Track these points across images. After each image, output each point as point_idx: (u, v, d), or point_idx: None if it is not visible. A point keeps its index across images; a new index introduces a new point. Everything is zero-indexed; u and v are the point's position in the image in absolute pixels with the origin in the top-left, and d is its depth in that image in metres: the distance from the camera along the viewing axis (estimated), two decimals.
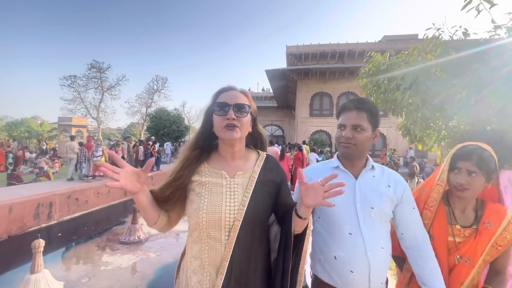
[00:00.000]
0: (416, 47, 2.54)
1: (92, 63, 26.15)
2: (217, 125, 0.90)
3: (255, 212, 0.88)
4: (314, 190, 0.80)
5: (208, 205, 0.87)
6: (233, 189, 0.90)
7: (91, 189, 7.89)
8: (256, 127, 1.03)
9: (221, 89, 0.95)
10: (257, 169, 0.96)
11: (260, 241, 0.92)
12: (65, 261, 4.85)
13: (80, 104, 26.61)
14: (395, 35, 21.82)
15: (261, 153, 1.03)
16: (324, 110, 20.77)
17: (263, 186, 0.94)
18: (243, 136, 0.93)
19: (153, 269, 4.24)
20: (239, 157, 0.97)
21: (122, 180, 0.78)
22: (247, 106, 0.92)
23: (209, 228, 0.86)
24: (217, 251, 0.86)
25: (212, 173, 0.93)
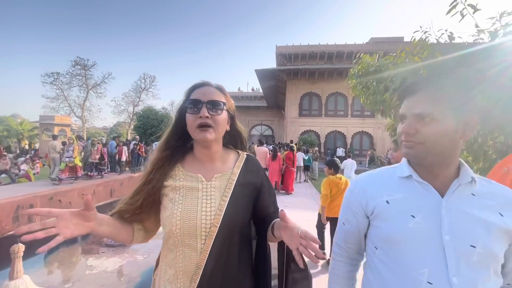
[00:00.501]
0: (403, 49, 2.60)
1: (76, 60, 25.29)
2: (190, 124, 0.83)
3: (234, 217, 0.82)
4: (291, 234, 0.68)
5: (182, 211, 0.80)
6: (209, 193, 0.84)
7: (75, 190, 7.63)
8: (235, 125, 0.95)
9: (195, 85, 0.88)
10: (236, 170, 0.89)
11: (240, 247, 0.85)
12: (47, 266, 4.65)
13: (64, 102, 25.67)
14: (382, 37, 22.33)
15: (241, 153, 0.96)
16: (313, 110, 21.00)
17: (243, 189, 0.87)
18: (218, 137, 0.87)
19: (140, 272, 4.14)
20: (216, 159, 0.90)
21: (64, 231, 0.66)
22: (222, 103, 0.85)
23: (184, 236, 0.80)
24: (191, 260, 0.80)
25: (187, 177, 0.86)
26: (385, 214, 0.73)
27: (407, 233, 0.68)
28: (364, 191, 0.79)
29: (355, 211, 0.81)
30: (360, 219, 0.80)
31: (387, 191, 0.75)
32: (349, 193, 0.85)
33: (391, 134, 2.84)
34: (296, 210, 4.73)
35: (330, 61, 20.84)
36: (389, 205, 0.73)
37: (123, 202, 0.87)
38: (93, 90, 26.67)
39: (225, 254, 0.81)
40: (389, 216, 0.72)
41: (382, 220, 0.74)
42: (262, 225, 0.88)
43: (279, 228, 0.75)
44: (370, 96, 2.52)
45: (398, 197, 0.73)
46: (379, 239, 0.76)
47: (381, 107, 2.49)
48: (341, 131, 20.46)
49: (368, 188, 0.79)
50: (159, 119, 19.53)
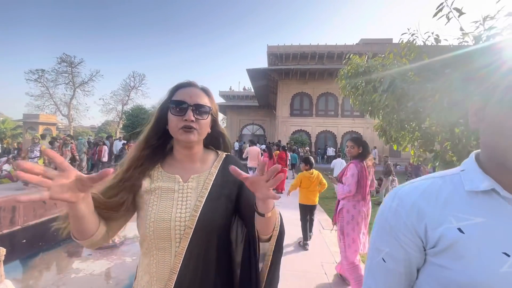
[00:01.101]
0: (392, 50, 2.64)
1: (62, 57, 24.64)
2: (173, 125, 0.80)
3: (210, 219, 0.78)
4: (256, 183, 0.64)
5: (156, 212, 0.77)
6: (185, 194, 0.80)
7: None
8: (216, 127, 0.93)
9: (179, 84, 0.85)
10: (214, 170, 0.86)
11: (219, 251, 0.81)
12: (30, 270, 4.50)
13: (49, 100, 24.97)
14: (371, 39, 22.72)
15: (220, 153, 0.94)
16: (304, 110, 21.18)
17: (221, 189, 0.84)
18: (201, 139, 0.85)
19: (129, 274, 4.05)
20: (196, 160, 0.87)
21: (55, 189, 0.57)
22: (208, 108, 0.83)
23: (157, 239, 0.76)
24: (165, 264, 0.76)
25: (164, 177, 0.83)
26: (459, 249, 0.49)
27: (498, 281, 0.45)
28: (418, 210, 0.54)
29: (403, 240, 0.55)
30: (412, 253, 0.55)
31: (455, 213, 0.51)
32: (388, 212, 0.58)
33: (380, 134, 2.88)
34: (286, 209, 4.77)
35: (321, 61, 21.06)
36: (465, 235, 0.49)
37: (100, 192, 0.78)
38: (80, 88, 26.04)
39: (201, 258, 0.77)
40: (466, 252, 0.48)
41: (454, 258, 0.49)
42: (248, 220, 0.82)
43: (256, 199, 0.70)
44: (359, 97, 2.56)
45: (477, 223, 0.49)
46: (447, 287, 0.50)
47: (369, 107, 2.53)
48: (332, 131, 20.72)
49: (424, 207, 0.53)
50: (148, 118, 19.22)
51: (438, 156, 2.51)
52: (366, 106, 2.58)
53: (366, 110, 2.64)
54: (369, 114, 2.66)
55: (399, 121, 2.41)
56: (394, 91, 2.08)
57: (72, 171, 0.61)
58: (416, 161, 2.79)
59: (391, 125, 2.53)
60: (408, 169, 12.86)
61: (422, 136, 2.57)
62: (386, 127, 2.63)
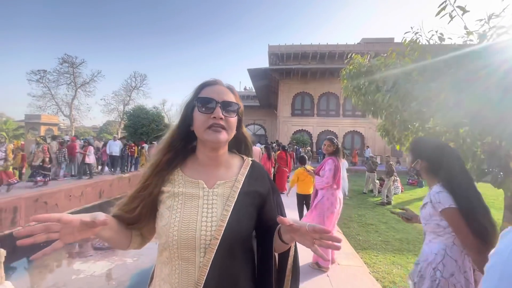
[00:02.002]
0: (394, 50, 2.60)
1: (64, 58, 24.64)
2: (200, 124, 0.75)
3: (237, 229, 0.74)
4: (300, 233, 0.65)
5: (180, 221, 0.73)
6: (211, 202, 0.76)
7: (61, 191, 7.42)
8: (241, 129, 0.88)
9: (206, 82, 0.81)
10: (240, 177, 0.81)
11: (243, 262, 0.79)
12: (31, 271, 4.49)
13: (51, 100, 24.98)
14: (373, 38, 22.63)
15: (246, 158, 0.89)
16: (306, 110, 21.12)
17: (247, 198, 0.80)
18: (229, 139, 0.80)
19: (130, 275, 4.05)
20: (220, 163, 0.83)
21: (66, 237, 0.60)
22: (236, 105, 0.79)
23: (181, 249, 0.72)
24: (189, 275, 0.72)
25: (187, 182, 0.78)
26: None
27: None
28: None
29: None
30: None
31: None
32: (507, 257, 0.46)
33: (382, 134, 2.85)
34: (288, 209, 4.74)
35: (322, 61, 20.99)
36: None
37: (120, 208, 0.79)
38: (81, 88, 26.06)
39: (227, 269, 0.74)
40: None
41: None
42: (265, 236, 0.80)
43: (286, 232, 0.70)
44: (361, 97, 2.52)
45: None
46: None
47: (372, 107, 2.50)
48: (333, 130, 20.65)
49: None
50: (150, 119, 19.21)
51: None
52: (368, 106, 2.55)
53: (368, 110, 2.61)
54: (371, 114, 2.62)
55: (402, 121, 2.38)
56: (398, 91, 2.04)
57: (75, 219, 0.61)
58: None
59: (394, 125, 2.49)
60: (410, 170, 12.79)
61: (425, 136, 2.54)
62: (389, 127, 2.60)
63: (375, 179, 9.05)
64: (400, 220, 6.07)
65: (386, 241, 4.72)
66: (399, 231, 5.30)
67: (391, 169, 7.90)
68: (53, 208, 7.06)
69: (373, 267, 3.71)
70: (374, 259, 3.98)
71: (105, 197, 9.00)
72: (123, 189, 10.16)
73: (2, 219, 5.80)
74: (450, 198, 1.28)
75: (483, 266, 0.67)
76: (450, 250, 1.31)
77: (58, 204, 7.21)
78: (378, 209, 7.12)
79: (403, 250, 4.35)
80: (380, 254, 4.16)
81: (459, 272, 1.27)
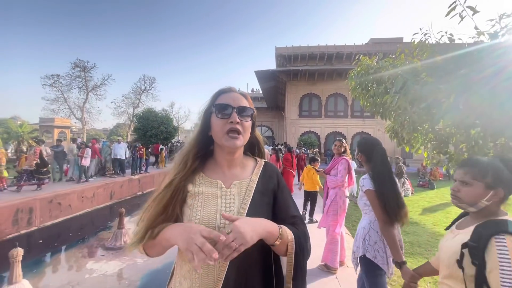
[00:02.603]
0: (403, 51, 2.59)
1: (76, 62, 25.33)
2: (218, 129, 0.81)
3: None
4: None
5: (201, 218, 0.78)
6: (228, 200, 0.82)
7: (74, 192, 7.61)
8: (254, 132, 0.94)
9: (221, 90, 0.88)
10: (254, 177, 0.87)
11: (259, 258, 0.82)
12: (46, 270, 4.63)
13: (64, 104, 25.68)
14: (381, 38, 22.37)
15: (259, 160, 0.95)
16: (313, 111, 21.01)
17: (262, 197, 0.85)
18: (244, 143, 0.86)
19: (140, 275, 4.12)
20: (236, 165, 0.89)
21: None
22: (250, 110, 0.85)
23: None
24: (209, 271, 0.76)
25: (206, 182, 0.84)
26: None
27: None
28: None
29: None
30: None
31: None
32: None
33: (391, 136, 2.83)
34: None
35: (330, 62, 20.88)
36: None
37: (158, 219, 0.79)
38: (93, 92, 26.70)
39: (245, 266, 0.78)
40: None
41: None
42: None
43: None
44: (369, 98, 2.51)
45: None
46: None
47: (380, 109, 2.48)
48: (341, 131, 20.47)
49: None
50: (159, 121, 19.51)
51: (453, 158, 2.44)
52: (377, 108, 2.53)
53: (377, 112, 2.59)
54: (380, 115, 2.61)
55: (412, 123, 2.35)
56: (407, 93, 2.03)
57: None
58: (430, 163, 2.72)
59: (403, 126, 2.47)
60: (420, 171, 12.53)
61: (435, 138, 2.50)
62: (398, 129, 2.57)
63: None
64: (411, 223, 5.98)
65: None
66: (409, 234, 5.21)
67: (401, 171, 7.77)
68: (67, 209, 7.26)
69: None
70: None
71: (116, 198, 9.19)
72: (133, 191, 10.34)
73: (18, 219, 6.00)
74: (371, 183, 1.72)
75: (384, 232, 1.64)
76: (373, 224, 1.78)
77: (71, 205, 7.41)
78: None
79: (414, 253, 4.27)
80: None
81: (380, 240, 1.74)
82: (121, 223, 5.19)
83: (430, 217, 6.50)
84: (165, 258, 1.01)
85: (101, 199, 8.51)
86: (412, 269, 1.42)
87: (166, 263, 4.37)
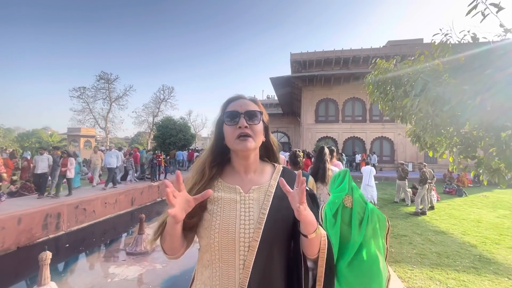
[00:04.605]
0: (422, 52, 2.50)
1: (100, 75, 26.86)
2: (229, 136, 0.83)
3: (274, 232, 0.78)
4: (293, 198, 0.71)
5: (221, 223, 0.78)
6: (248, 205, 0.81)
7: (98, 199, 7.95)
8: (268, 137, 0.94)
9: (230, 98, 0.90)
10: (273, 182, 0.87)
11: (282, 263, 0.81)
12: (72, 273, 4.84)
13: (89, 114, 27.18)
14: (399, 40, 21.77)
15: (276, 165, 0.96)
16: (330, 116, 20.67)
17: (281, 202, 0.83)
18: (257, 146, 0.86)
19: (160, 281, 4.18)
20: (253, 170, 0.89)
21: (176, 207, 0.66)
22: (258, 113, 0.86)
23: (222, 250, 0.77)
24: (229, 277, 0.76)
25: (225, 188, 0.85)
26: None
27: None
28: None
29: None
30: None
31: None
32: None
33: (413, 140, 2.71)
34: None
35: (346, 66, 20.56)
36: None
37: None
38: (115, 102, 28.05)
39: (267, 271, 0.77)
40: None
41: None
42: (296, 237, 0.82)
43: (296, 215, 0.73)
44: (388, 102, 2.44)
45: None
46: None
47: (400, 113, 2.40)
48: (360, 136, 19.93)
49: None
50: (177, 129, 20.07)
51: (482, 163, 2.29)
52: (396, 112, 2.45)
53: (396, 115, 2.51)
54: (400, 119, 2.52)
55: (435, 126, 2.25)
56: (428, 95, 1.95)
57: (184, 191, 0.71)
58: (456, 168, 2.57)
59: (425, 130, 2.36)
60: (446, 177, 11.87)
61: (461, 142, 2.37)
62: (419, 133, 2.47)
63: (406, 188, 8.52)
64: (437, 232, 5.64)
65: (421, 254, 4.41)
66: (436, 244, 4.92)
67: (425, 177, 7.41)
68: (91, 214, 7.58)
69: (408, 282, 3.47)
70: (409, 273, 3.72)
71: (137, 204, 9.48)
72: (153, 197, 10.63)
73: (48, 223, 6.34)
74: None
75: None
76: None
77: (95, 211, 7.73)
78: (412, 219, 6.68)
79: (442, 264, 4.02)
80: (415, 268, 3.89)
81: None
82: (142, 229, 5.33)
83: (459, 226, 6.11)
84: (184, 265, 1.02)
85: (123, 205, 8.81)
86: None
87: (185, 269, 4.42)
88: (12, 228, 5.52)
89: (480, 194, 10.38)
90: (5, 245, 5.38)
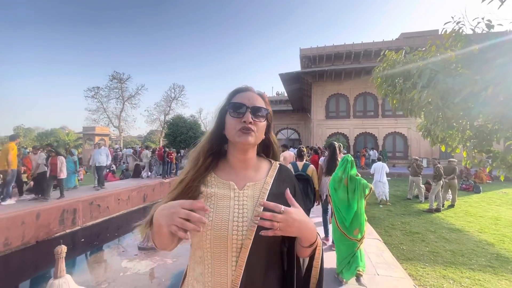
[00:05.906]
0: (434, 42, 2.39)
1: (113, 75, 27.55)
2: (231, 127, 0.80)
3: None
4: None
5: (214, 220, 0.75)
6: (241, 202, 0.79)
7: (111, 195, 8.18)
8: (269, 134, 0.92)
9: (238, 89, 0.86)
10: (269, 180, 0.84)
11: (274, 263, 0.80)
12: (86, 266, 5.03)
13: (103, 113, 27.98)
14: (413, 32, 21.08)
15: (273, 162, 0.92)
16: (341, 112, 20.33)
17: (277, 200, 0.77)
18: (257, 142, 0.84)
19: (170, 275, 4.28)
20: (250, 166, 0.87)
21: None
22: (264, 110, 0.83)
23: (214, 248, 0.75)
24: (221, 275, 0.74)
25: (219, 183, 0.82)
26: None
27: None
28: None
29: None
30: None
31: None
32: None
33: (424, 134, 2.62)
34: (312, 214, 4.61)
35: (357, 60, 20.12)
36: None
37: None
38: (128, 101, 28.71)
39: (261, 270, 0.76)
40: None
41: None
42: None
43: None
44: (397, 95, 2.35)
45: None
46: None
47: (409, 106, 2.31)
48: (372, 132, 19.51)
49: None
50: (187, 127, 20.30)
51: (498, 157, 2.18)
52: (405, 105, 2.36)
53: (405, 109, 2.42)
54: (409, 113, 2.43)
55: (446, 119, 2.15)
56: (436, 87, 1.86)
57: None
58: (470, 163, 2.46)
59: (436, 124, 2.27)
60: (463, 173, 11.44)
61: (475, 135, 2.27)
62: (430, 127, 2.37)
63: (420, 184, 8.28)
64: (452, 230, 5.45)
65: (435, 252, 4.28)
66: (451, 242, 4.76)
67: (439, 173, 7.16)
68: (105, 210, 7.83)
69: (420, 280, 3.39)
70: (421, 271, 3.63)
71: (149, 201, 9.71)
72: (164, 193, 10.85)
73: (64, 219, 6.59)
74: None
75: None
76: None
77: (109, 207, 7.97)
78: (425, 217, 6.49)
79: (456, 263, 3.89)
80: (427, 266, 3.79)
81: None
82: None
83: (475, 224, 5.89)
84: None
85: (135, 202, 9.05)
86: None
87: None
88: (31, 223, 5.78)
89: (499, 191, 9.96)
90: (25, 239, 5.64)
